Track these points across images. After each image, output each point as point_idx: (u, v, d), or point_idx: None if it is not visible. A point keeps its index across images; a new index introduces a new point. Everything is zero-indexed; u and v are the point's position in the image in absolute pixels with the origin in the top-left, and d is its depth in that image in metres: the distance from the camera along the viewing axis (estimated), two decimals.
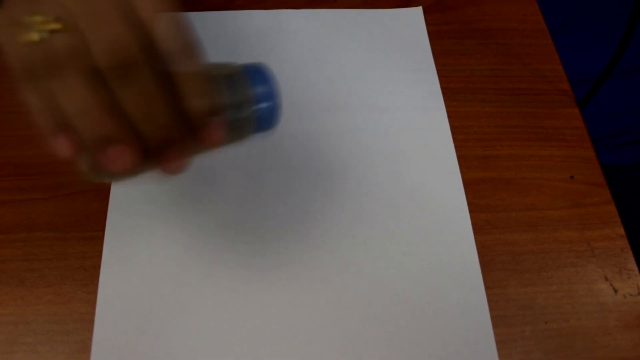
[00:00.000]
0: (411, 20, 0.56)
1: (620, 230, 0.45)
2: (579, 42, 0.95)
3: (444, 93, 0.51)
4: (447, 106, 0.51)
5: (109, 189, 0.45)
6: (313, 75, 0.52)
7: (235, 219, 0.44)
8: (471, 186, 0.46)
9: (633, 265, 0.43)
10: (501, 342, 0.40)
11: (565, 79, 0.53)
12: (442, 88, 0.52)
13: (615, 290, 0.42)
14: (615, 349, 0.40)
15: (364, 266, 0.42)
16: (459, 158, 0.48)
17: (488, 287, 0.42)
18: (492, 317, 0.41)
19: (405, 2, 0.58)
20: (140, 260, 0.42)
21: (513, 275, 0.43)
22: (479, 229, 0.44)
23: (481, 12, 0.58)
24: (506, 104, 0.51)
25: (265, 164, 0.47)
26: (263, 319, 0.40)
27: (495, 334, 0.40)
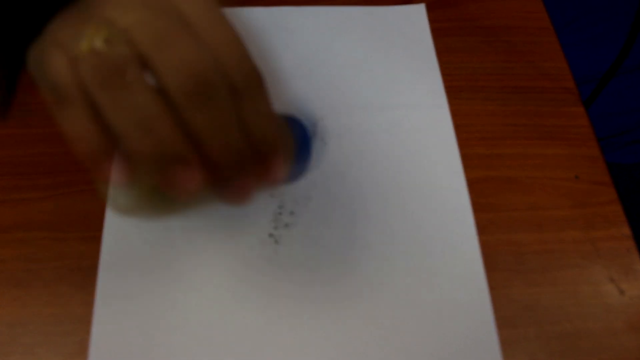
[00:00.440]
0: (414, 18, 0.56)
1: (626, 230, 0.44)
2: (584, 41, 0.95)
3: (447, 91, 0.51)
4: (450, 104, 0.50)
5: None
6: (314, 73, 0.51)
7: (235, 219, 0.43)
8: (474, 185, 0.46)
9: (639, 266, 0.43)
10: (505, 344, 0.39)
11: (570, 77, 0.53)
12: (445, 86, 0.51)
13: (621, 292, 0.42)
14: (621, 351, 0.39)
15: (366, 265, 0.42)
16: (462, 157, 0.47)
17: (491, 288, 0.41)
18: (496, 318, 0.40)
19: None
20: (139, 260, 0.41)
21: (517, 276, 0.42)
22: (482, 228, 0.44)
23: (485, 10, 0.57)
24: (510, 102, 0.51)
25: None
26: (263, 319, 0.40)
27: (499, 335, 0.39)
